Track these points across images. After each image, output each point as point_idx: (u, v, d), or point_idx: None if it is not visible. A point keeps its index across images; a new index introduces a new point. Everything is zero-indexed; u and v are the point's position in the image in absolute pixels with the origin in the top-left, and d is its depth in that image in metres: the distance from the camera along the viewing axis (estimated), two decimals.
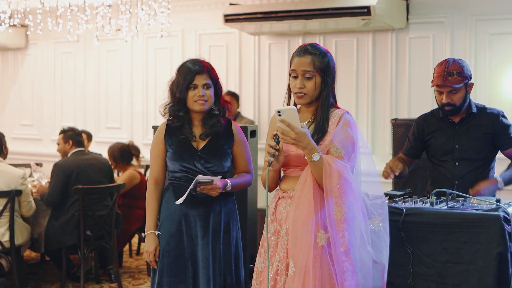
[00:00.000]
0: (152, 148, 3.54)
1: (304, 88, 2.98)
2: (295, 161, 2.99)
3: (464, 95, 3.85)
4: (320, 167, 2.82)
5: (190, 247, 3.39)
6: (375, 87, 7.08)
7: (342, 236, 2.83)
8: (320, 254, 2.83)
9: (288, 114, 2.78)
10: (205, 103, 3.41)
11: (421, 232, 3.30)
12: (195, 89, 3.40)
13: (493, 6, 6.51)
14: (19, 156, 9.15)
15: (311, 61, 2.97)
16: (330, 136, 2.94)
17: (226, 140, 3.47)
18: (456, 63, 3.83)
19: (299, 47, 3.07)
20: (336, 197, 2.82)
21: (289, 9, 6.91)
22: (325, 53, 3.02)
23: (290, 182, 3.03)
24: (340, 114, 3.00)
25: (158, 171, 3.51)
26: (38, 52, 9.59)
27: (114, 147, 6.42)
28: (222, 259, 3.41)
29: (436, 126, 4.00)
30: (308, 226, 2.83)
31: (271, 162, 2.88)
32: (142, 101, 8.62)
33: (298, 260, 2.84)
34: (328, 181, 2.82)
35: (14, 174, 5.44)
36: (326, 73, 2.99)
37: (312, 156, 2.81)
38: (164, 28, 6.81)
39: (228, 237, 3.44)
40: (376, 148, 7.08)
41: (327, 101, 2.99)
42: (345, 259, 2.83)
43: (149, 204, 3.50)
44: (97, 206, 5.69)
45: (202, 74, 3.41)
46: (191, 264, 3.38)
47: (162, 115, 3.53)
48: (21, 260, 5.69)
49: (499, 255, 3.14)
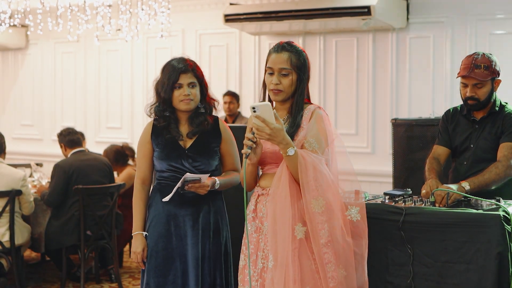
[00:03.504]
0: (138, 149, 3.52)
1: (280, 84, 3.02)
2: (271, 158, 3.03)
3: (490, 91, 3.75)
4: (295, 161, 2.86)
5: (179, 247, 3.38)
6: (375, 87, 7.08)
7: (322, 228, 2.86)
8: (299, 247, 2.86)
9: (263, 110, 2.80)
10: (191, 102, 3.39)
11: (421, 232, 3.30)
12: (180, 88, 3.38)
13: (493, 6, 6.51)
14: (19, 156, 9.16)
15: (288, 58, 3.03)
16: (304, 131, 2.98)
17: (214, 138, 3.46)
18: (486, 57, 3.74)
19: (275, 44, 3.11)
20: (312, 190, 2.86)
21: (289, 9, 6.91)
22: (301, 51, 3.08)
23: (268, 179, 3.06)
24: (312, 109, 3.05)
25: (144, 171, 3.49)
26: (38, 52, 9.60)
27: (108, 151, 6.43)
28: (212, 259, 3.40)
29: (458, 122, 3.90)
30: (285, 220, 2.86)
31: (248, 154, 2.90)
32: (143, 101, 8.62)
33: (277, 254, 2.87)
34: (304, 175, 2.86)
35: (14, 176, 5.44)
36: (302, 71, 3.04)
37: (287, 151, 2.85)
38: (164, 28, 6.81)
39: (217, 236, 3.44)
40: (376, 148, 7.09)
41: (302, 97, 3.05)
42: (326, 251, 2.86)
43: (136, 205, 3.48)
44: (97, 206, 5.69)
45: (187, 73, 3.39)
46: (180, 264, 3.37)
47: (148, 115, 3.52)
48: (21, 260, 5.68)
49: (499, 255, 3.13)
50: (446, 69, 6.72)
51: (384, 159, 6.90)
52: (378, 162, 6.98)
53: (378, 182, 6.62)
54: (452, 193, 3.42)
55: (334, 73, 7.21)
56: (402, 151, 5.24)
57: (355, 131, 7.17)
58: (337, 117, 7.17)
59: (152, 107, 3.49)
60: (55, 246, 5.70)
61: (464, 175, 3.81)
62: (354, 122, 7.18)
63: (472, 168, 3.80)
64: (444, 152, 3.94)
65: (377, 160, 7.03)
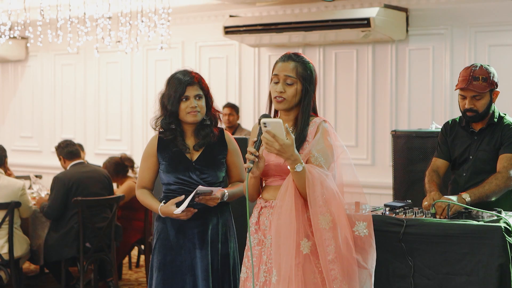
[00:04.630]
0: (143, 161, 3.50)
1: (284, 93, 3.00)
2: (275, 170, 3.01)
3: (488, 103, 3.75)
4: (303, 177, 2.84)
5: (188, 259, 3.37)
6: (375, 98, 7.09)
7: (329, 244, 2.84)
8: (303, 262, 2.84)
9: (274, 126, 2.80)
10: (198, 114, 3.39)
11: (422, 244, 3.29)
12: (187, 100, 3.37)
13: (492, 17, 6.53)
14: (19, 168, 9.13)
15: (294, 67, 3.01)
16: (309, 145, 2.96)
17: (220, 150, 3.46)
18: (484, 68, 3.75)
19: (284, 54, 3.10)
20: (320, 206, 2.84)
21: (289, 21, 6.93)
22: (308, 62, 3.06)
23: (271, 192, 3.05)
24: (318, 122, 3.03)
25: (147, 182, 3.48)
26: (38, 64, 9.61)
27: (108, 163, 6.41)
28: (220, 270, 3.39)
29: (457, 134, 3.90)
30: (290, 235, 2.84)
31: (250, 168, 2.89)
32: (142, 113, 8.62)
33: (281, 269, 2.84)
34: (311, 190, 2.84)
35: (13, 187, 5.44)
36: (308, 82, 3.02)
37: (295, 166, 2.83)
38: (164, 40, 6.82)
39: (226, 248, 3.43)
40: (376, 159, 7.08)
41: (308, 109, 3.03)
42: (332, 267, 2.84)
43: (144, 197, 3.44)
44: (97, 218, 5.67)
45: (193, 85, 3.38)
46: (189, 277, 3.36)
47: (153, 128, 3.50)
48: (20, 273, 5.66)
49: (500, 267, 3.12)
50: (445, 80, 6.73)
51: (384, 171, 6.89)
52: (378, 174, 6.98)
53: (378, 194, 6.60)
54: (453, 205, 3.41)
55: (334, 85, 7.22)
56: (402, 163, 5.23)
57: (355, 143, 7.17)
58: (336, 129, 7.16)
59: (158, 120, 3.47)
60: (54, 258, 5.68)
61: (463, 186, 3.80)
62: (354, 134, 7.18)
63: (472, 180, 3.79)
64: (443, 164, 3.94)
65: (377, 172, 7.02)
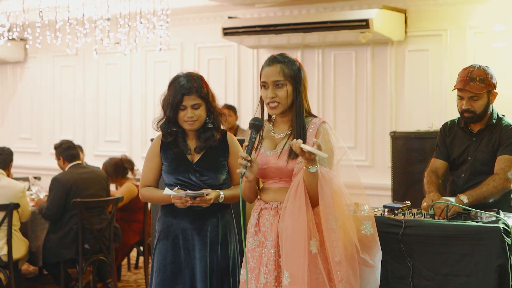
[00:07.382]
0: (147, 161, 3.51)
1: (276, 97, 3.00)
2: (275, 173, 3.01)
3: (486, 104, 3.75)
4: (316, 177, 2.85)
5: (187, 260, 3.37)
6: (374, 100, 7.08)
7: (337, 245, 2.86)
8: (314, 261, 2.86)
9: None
10: (195, 123, 3.38)
11: (421, 245, 3.29)
12: (184, 109, 3.37)
13: (491, 19, 6.53)
14: (18, 170, 9.11)
15: (280, 70, 3.01)
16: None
17: (221, 152, 3.45)
18: (482, 69, 3.75)
19: (268, 58, 3.09)
20: (330, 206, 2.86)
21: (288, 22, 6.93)
22: (293, 61, 3.06)
23: (271, 194, 3.05)
24: (317, 124, 3.03)
25: (151, 182, 3.48)
26: (37, 65, 9.60)
27: (107, 164, 6.39)
28: (220, 272, 3.39)
29: (455, 135, 3.91)
30: (302, 236, 2.85)
31: (243, 173, 2.90)
32: (141, 114, 8.62)
33: (294, 271, 2.85)
34: (322, 191, 2.86)
35: (14, 188, 5.46)
36: (297, 81, 3.02)
37: (310, 167, 2.83)
38: (163, 42, 6.82)
39: (225, 250, 3.42)
40: (375, 161, 7.08)
41: (301, 109, 3.02)
42: (339, 269, 2.86)
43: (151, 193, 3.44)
44: (95, 220, 5.67)
45: (190, 95, 3.35)
46: (188, 278, 3.36)
47: (155, 130, 3.50)
48: (19, 274, 5.66)
49: (499, 268, 3.12)
50: (444, 81, 6.73)
51: (383, 172, 6.89)
52: (377, 175, 6.97)
53: (377, 195, 6.59)
54: (452, 206, 3.41)
55: (333, 86, 7.22)
56: (401, 164, 5.24)
57: (353, 144, 7.16)
58: (335, 130, 7.12)
59: (159, 123, 3.47)
60: (53, 260, 5.68)
61: (462, 187, 3.80)
62: (352, 135, 7.18)
63: (470, 181, 3.80)
64: (442, 165, 3.94)
65: (376, 173, 7.02)
